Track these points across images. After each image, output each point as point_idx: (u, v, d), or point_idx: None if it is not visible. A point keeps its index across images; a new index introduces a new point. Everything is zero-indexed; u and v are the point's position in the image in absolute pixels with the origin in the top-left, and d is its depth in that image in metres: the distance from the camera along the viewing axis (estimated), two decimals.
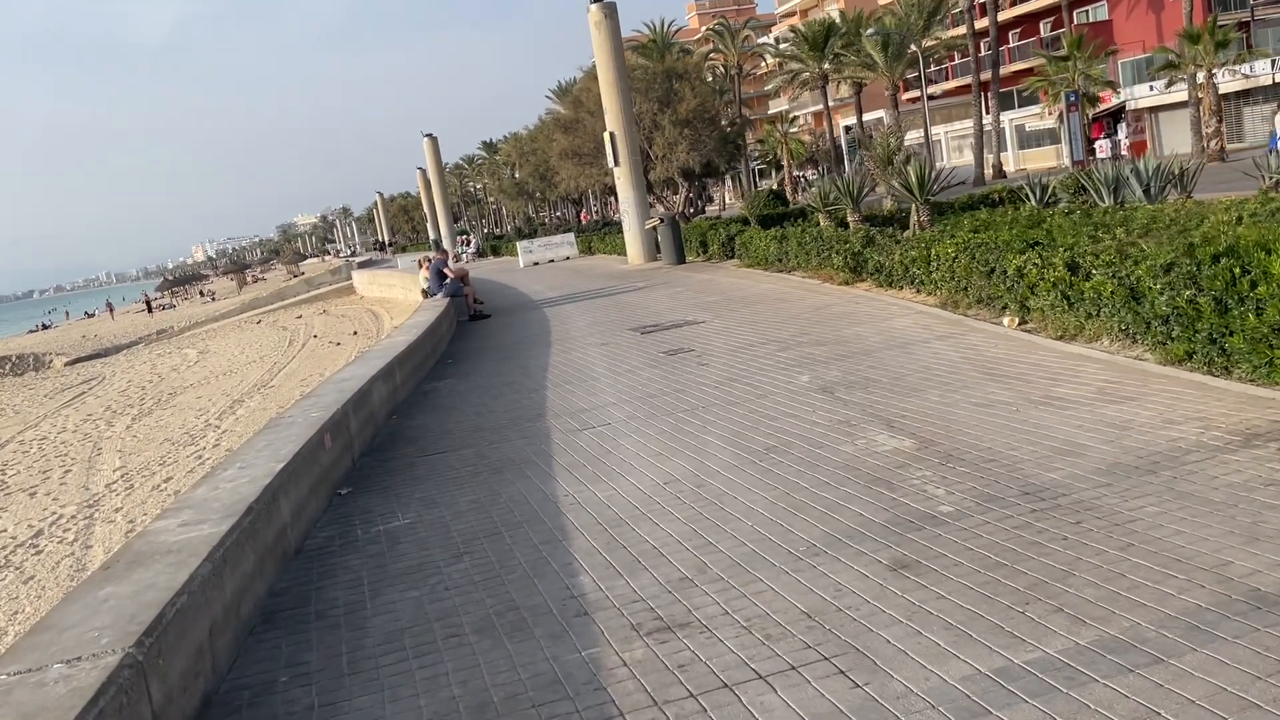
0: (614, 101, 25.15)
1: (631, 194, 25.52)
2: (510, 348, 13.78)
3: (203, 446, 15.35)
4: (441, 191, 56.27)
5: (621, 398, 8.91)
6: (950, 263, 11.29)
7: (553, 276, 27.05)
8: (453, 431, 8.62)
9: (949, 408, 6.81)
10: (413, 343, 11.75)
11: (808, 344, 10.17)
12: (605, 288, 20.51)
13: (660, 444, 7.03)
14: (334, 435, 7.30)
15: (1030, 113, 51.57)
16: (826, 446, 6.31)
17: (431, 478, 7.10)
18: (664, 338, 12.27)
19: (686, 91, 35.40)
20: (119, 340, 54.31)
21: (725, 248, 22.58)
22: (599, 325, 14.59)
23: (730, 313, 13.52)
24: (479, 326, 17.25)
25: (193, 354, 35.62)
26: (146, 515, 11.66)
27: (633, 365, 10.55)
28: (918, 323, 10.47)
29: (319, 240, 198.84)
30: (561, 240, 36.40)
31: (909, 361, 8.53)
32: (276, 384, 21.17)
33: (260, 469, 5.92)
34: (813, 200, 20.52)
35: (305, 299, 49.08)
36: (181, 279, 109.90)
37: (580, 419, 8.30)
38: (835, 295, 13.64)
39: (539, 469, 6.88)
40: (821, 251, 16.00)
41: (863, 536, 4.71)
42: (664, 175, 35.87)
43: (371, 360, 10.37)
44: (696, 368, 9.82)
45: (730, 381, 8.86)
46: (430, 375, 12.13)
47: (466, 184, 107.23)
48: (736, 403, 7.97)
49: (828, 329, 10.89)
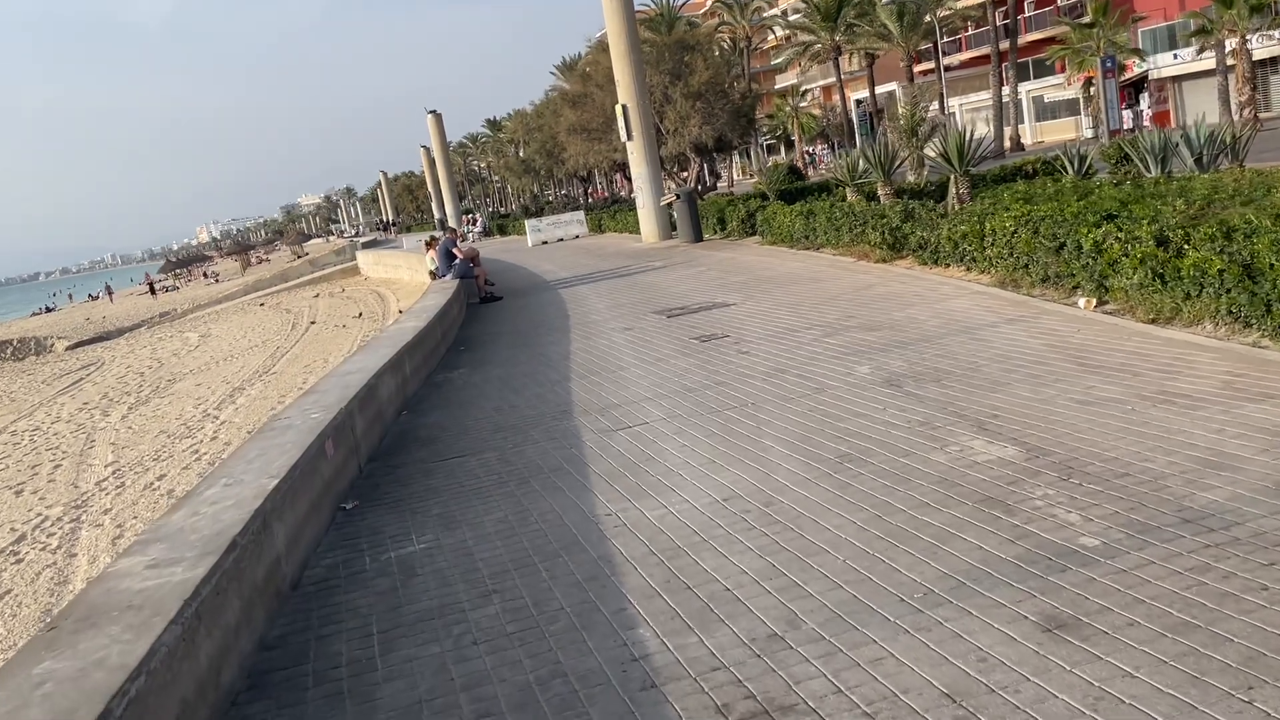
0: (626, 73, 24.08)
1: (645, 169, 24.49)
2: (526, 333, 12.85)
3: (199, 440, 14.47)
4: (446, 169, 55.20)
5: (657, 391, 7.99)
6: (1009, 237, 10.32)
7: (564, 256, 26.09)
8: (471, 431, 7.71)
9: (1047, 406, 5.87)
10: (423, 329, 10.83)
11: (857, 329, 9.22)
12: (621, 267, 19.56)
13: (710, 449, 6.11)
14: (337, 440, 6.39)
15: (1049, 83, 50.32)
16: (913, 455, 5.38)
17: (449, 488, 6.19)
18: (693, 321, 11.33)
19: (698, 63, 34.23)
20: (121, 324, 53.47)
21: (745, 224, 21.60)
22: (620, 308, 13.65)
23: (762, 294, 12.57)
24: (491, 309, 16.32)
25: (194, 338, 34.74)
26: (136, 519, 10.80)
27: (663, 353, 9.62)
28: (977, 304, 9.51)
29: (323, 221, 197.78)
30: (571, 218, 35.38)
31: (981, 350, 7.58)
32: (279, 370, 20.26)
33: (249, 487, 5.01)
34: (839, 173, 19.50)
35: (309, 280, 48.15)
36: (185, 260, 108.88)
37: (613, 417, 7.38)
38: (875, 274, 12.67)
39: (572, 479, 5.96)
40: (854, 227, 15.03)
41: (992, 579, 3.79)
42: (676, 150, 34.77)
43: (379, 349, 9.45)
44: (736, 357, 8.88)
45: (779, 373, 7.93)
46: (442, 365, 11.21)
47: (471, 163, 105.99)
48: (790, 398, 7.04)
49: (876, 311, 9.93)
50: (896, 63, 56.37)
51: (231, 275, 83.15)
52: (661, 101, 33.57)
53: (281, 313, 36.82)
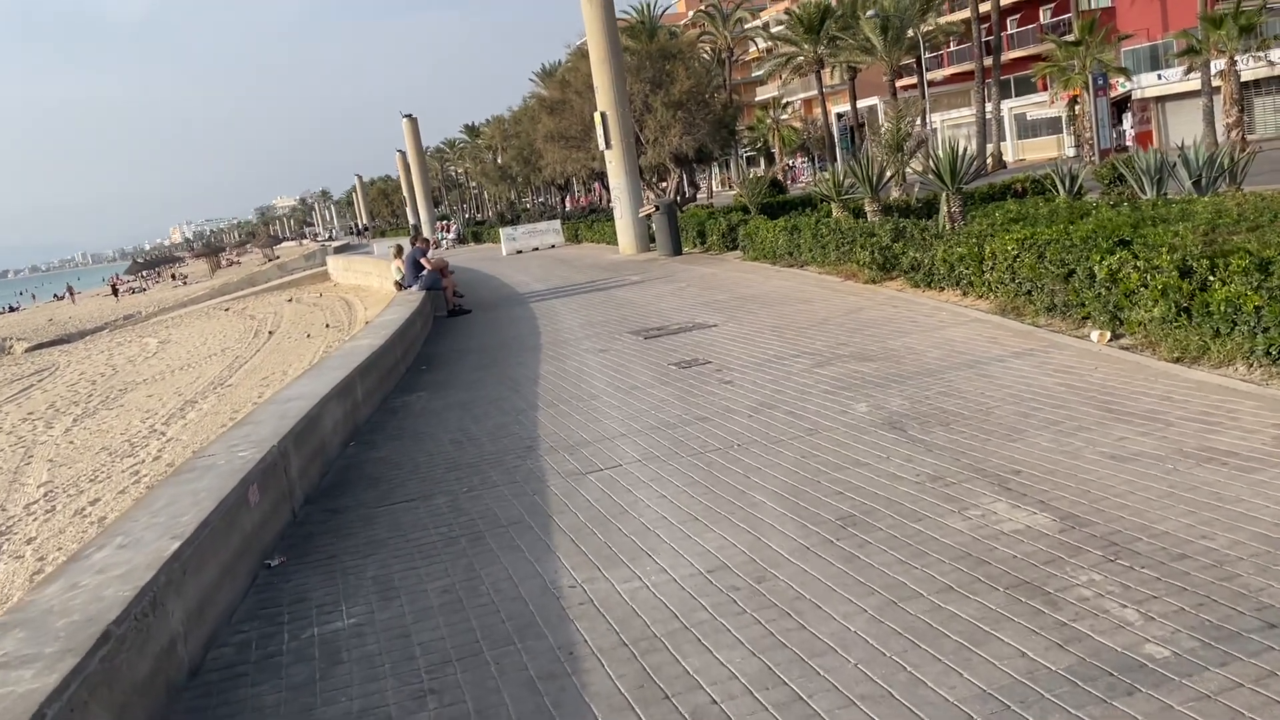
0: (606, 79, 23.38)
1: (624, 179, 23.79)
2: (494, 351, 12.06)
3: (141, 459, 13.55)
4: (421, 174, 54.28)
5: (631, 426, 7.23)
6: (1010, 261, 9.66)
7: (539, 266, 25.31)
8: (423, 469, 6.91)
9: (1075, 461, 5.17)
10: (379, 348, 10.02)
11: (850, 358, 8.51)
12: (597, 280, 18.81)
13: (691, 502, 5.36)
14: (265, 484, 5.59)
15: (1030, 101, 50.15)
16: (926, 519, 4.65)
17: (392, 542, 5.40)
18: (672, 344, 10.59)
19: (680, 72, 33.56)
20: (83, 326, 52.13)
21: (726, 238, 20.91)
22: (594, 326, 12.89)
23: (745, 315, 11.86)
24: (458, 324, 15.51)
25: (153, 344, 33.59)
26: (60, 550, 9.90)
27: (639, 380, 8.87)
28: (979, 333, 8.83)
29: (297, 223, 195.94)
30: (547, 227, 34.63)
31: (990, 388, 6.89)
32: (235, 382, 19.32)
33: (146, 550, 4.21)
34: (824, 187, 18.86)
35: (277, 285, 47.03)
36: (153, 261, 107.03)
37: (582, 456, 6.61)
38: (864, 296, 11.99)
39: (533, 536, 5.19)
40: (842, 245, 14.36)
41: (1043, 703, 3.05)
42: (656, 160, 34.07)
43: (327, 372, 8.64)
44: (719, 387, 8.14)
45: (766, 408, 7.19)
46: (400, 386, 10.40)
47: (448, 168, 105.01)
48: (781, 440, 6.31)
49: (870, 339, 9.23)
50: (878, 77, 56.06)
51: (201, 277, 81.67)
52: (641, 110, 32.89)
53: (246, 319, 35.75)
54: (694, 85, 33.65)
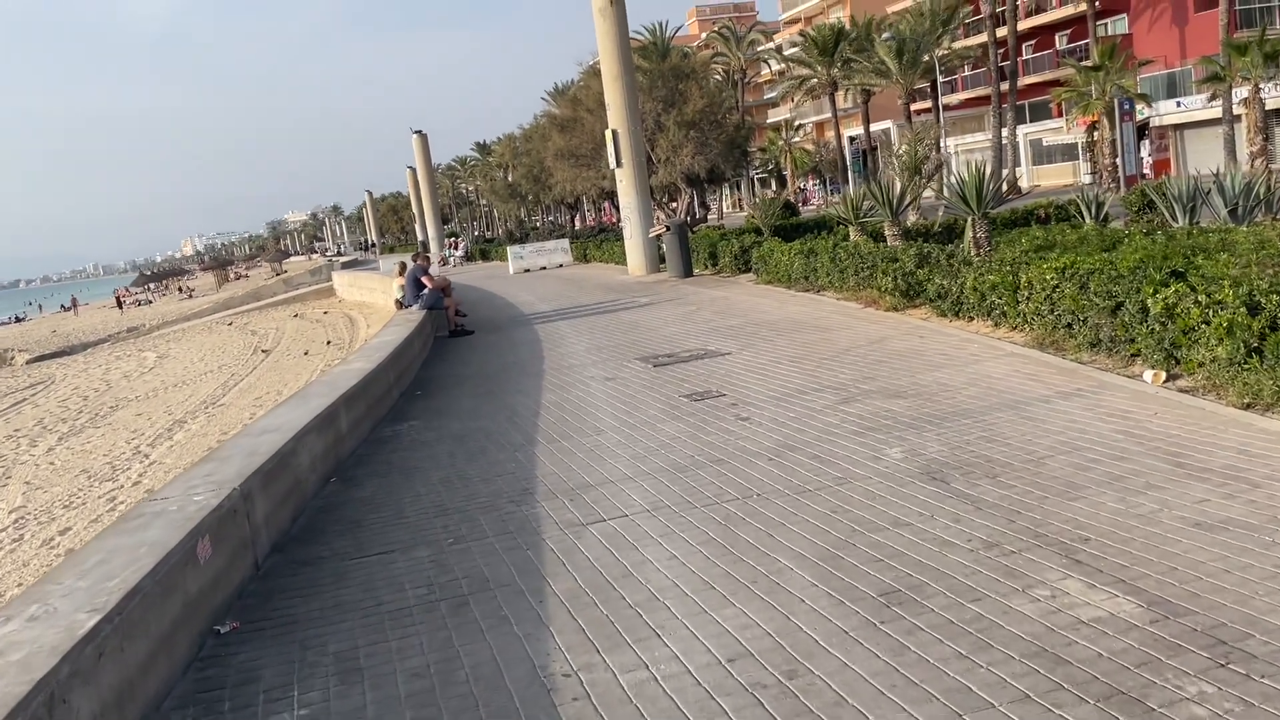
0: (618, 96, 22.82)
1: (635, 198, 23.18)
2: (494, 377, 11.39)
3: (121, 484, 12.88)
4: (430, 190, 53.88)
5: (639, 468, 6.54)
6: (1049, 292, 8.97)
7: (545, 286, 24.68)
8: (408, 512, 6.23)
9: (1150, 527, 4.47)
10: (370, 373, 9.35)
11: (877, 394, 7.82)
12: (605, 302, 18.16)
13: (707, 565, 4.67)
14: (220, 535, 4.91)
15: (1046, 127, 49.49)
16: (985, 598, 3.95)
17: (362, 607, 4.71)
18: (683, 373, 9.91)
19: (693, 91, 33.03)
20: (86, 338, 51.70)
21: (738, 261, 20.27)
22: (601, 350, 12.22)
23: (761, 342, 11.18)
24: (459, 345, 14.86)
25: (151, 358, 33.01)
26: (20, 586, 9.25)
27: (649, 414, 8.18)
28: (1017, 369, 8.13)
29: (308, 238, 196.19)
30: (555, 246, 34.04)
31: (1037, 433, 6.18)
32: (227, 402, 18.67)
33: (57, 627, 3.53)
34: (842, 210, 18.21)
35: (281, 300, 46.51)
36: (160, 274, 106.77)
37: (583, 503, 5.92)
38: (887, 324, 11.31)
39: (524, 605, 4.50)
40: (862, 270, 13.69)
41: None
42: (666, 180, 33.51)
43: (310, 400, 7.97)
44: (735, 424, 7.45)
45: (788, 450, 6.50)
46: (392, 414, 9.73)
47: (459, 185, 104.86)
48: (806, 491, 5.61)
49: (898, 373, 8.53)
50: (892, 101, 55.60)
51: (207, 291, 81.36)
52: (653, 129, 32.35)
53: (246, 334, 35.17)
54: (707, 105, 33.12)
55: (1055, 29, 52.68)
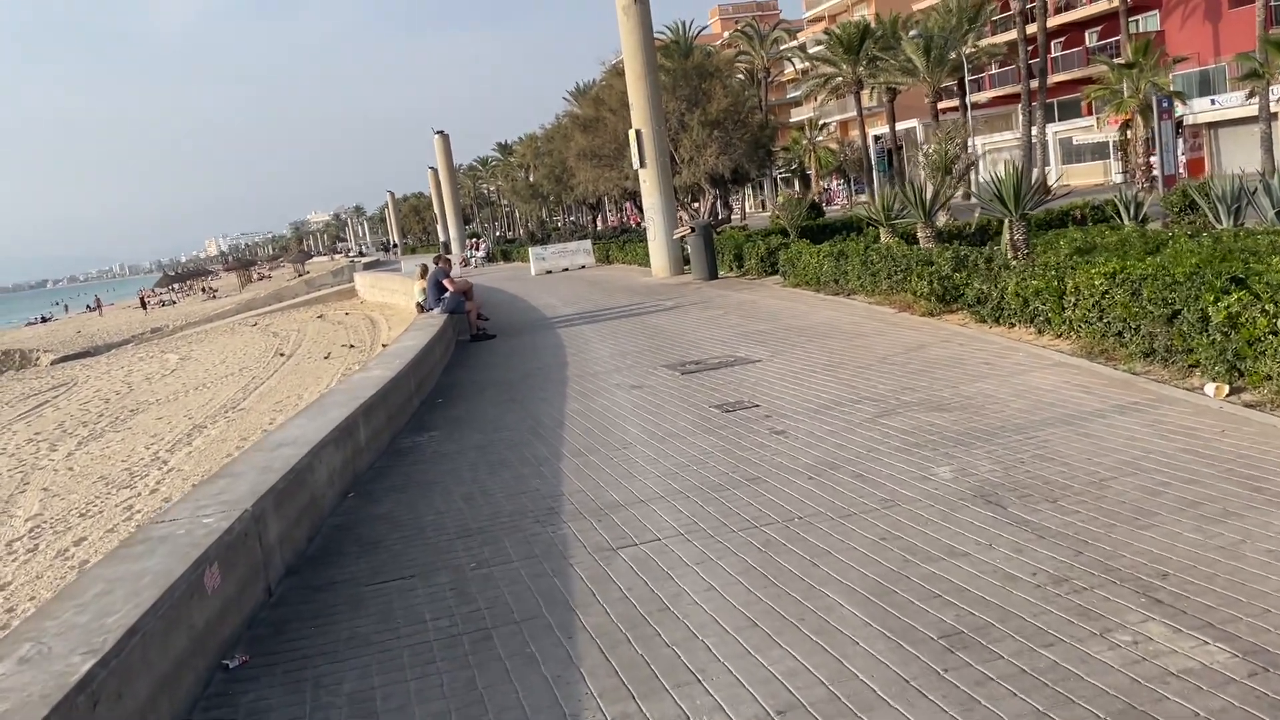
0: (641, 95, 22.51)
1: (658, 198, 22.85)
2: (517, 384, 11.10)
3: (138, 491, 12.68)
4: (452, 190, 53.75)
5: (670, 486, 6.21)
6: (1097, 298, 8.57)
7: (568, 288, 24.40)
8: (428, 531, 5.93)
9: (1235, 561, 4.10)
10: (390, 381, 9.07)
11: (919, 405, 7.45)
12: (629, 305, 17.84)
13: (748, 599, 4.33)
14: (230, 561, 4.62)
15: (1076, 125, 48.78)
16: (1059, 643, 3.59)
17: (379, 640, 4.41)
18: (713, 381, 9.57)
19: (717, 90, 32.70)
20: (110, 339, 51.92)
21: (765, 263, 19.91)
22: (626, 357, 11.90)
23: (792, 348, 10.82)
24: (481, 350, 14.58)
25: (173, 359, 32.99)
26: (33, 600, 9.02)
27: (678, 426, 7.85)
28: (1066, 380, 7.74)
29: (330, 239, 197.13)
30: (577, 247, 33.73)
31: (1096, 452, 5.80)
32: (247, 406, 18.49)
33: (49, 671, 3.25)
34: (871, 211, 17.81)
35: (303, 301, 46.50)
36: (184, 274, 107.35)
37: (612, 524, 5.60)
38: (923, 330, 10.93)
39: (551, 641, 4.18)
40: (894, 273, 13.31)
41: None
42: (690, 180, 33.17)
43: (328, 410, 7.69)
44: (770, 438, 7.11)
45: (828, 468, 6.15)
46: (412, 423, 9.45)
47: (480, 186, 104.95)
48: (851, 514, 5.27)
49: (939, 383, 8.16)
50: (917, 100, 54.99)
51: (231, 291, 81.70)
52: (677, 129, 32.03)
53: (268, 336, 35.10)
54: (731, 104, 32.78)
55: (1085, 26, 51.92)
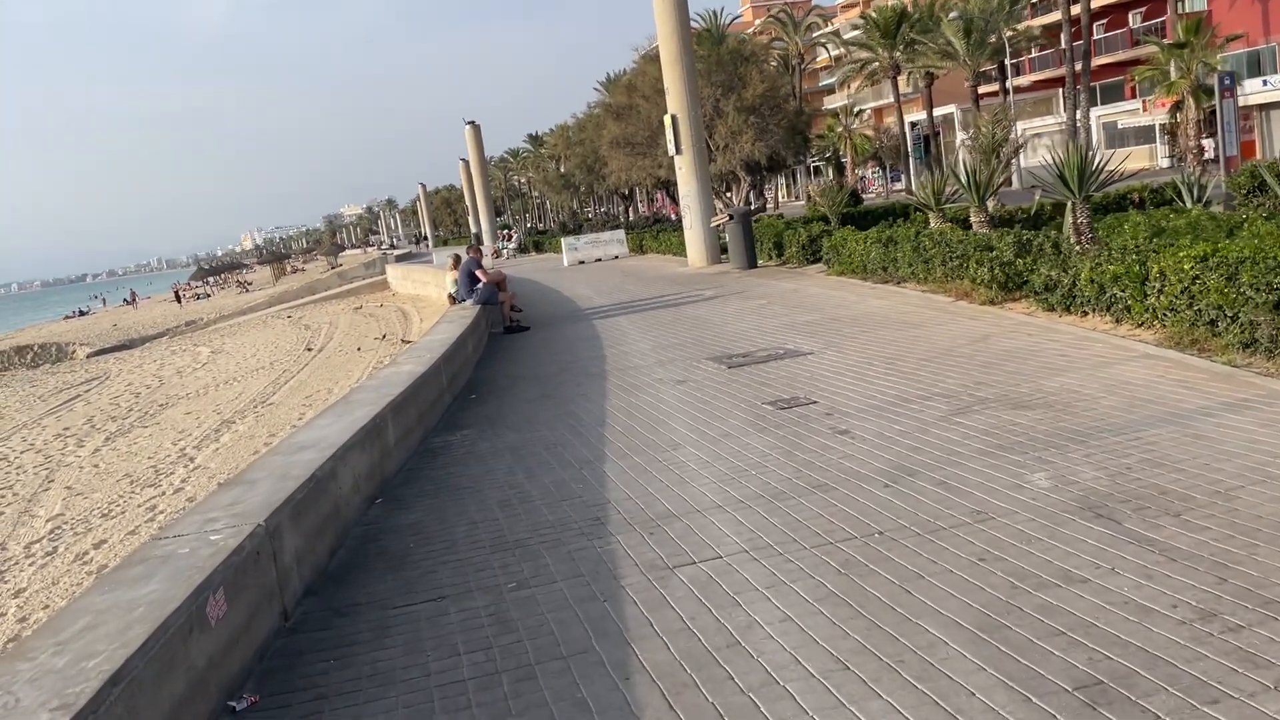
0: (677, 79, 21.84)
1: (695, 185, 22.20)
2: (553, 378, 10.53)
3: (163, 490, 12.27)
4: (483, 181, 53.35)
5: (727, 494, 5.61)
6: (1187, 284, 7.85)
7: (602, 278, 23.82)
8: (461, 544, 5.37)
9: None
10: (421, 376, 8.53)
11: (997, 403, 6.79)
12: (666, 295, 17.23)
13: (832, 632, 3.72)
14: (238, 585, 4.08)
15: (1121, 109, 47.46)
16: (1226, 699, 2.96)
17: (407, 678, 3.85)
18: (762, 375, 8.95)
19: (753, 75, 31.97)
20: (145, 332, 52.06)
21: (806, 251, 19.23)
22: (667, 349, 11.30)
23: (845, 340, 10.17)
24: (515, 342, 14.04)
25: (205, 353, 32.81)
26: (48, 607, 8.59)
27: (729, 425, 7.24)
28: (1160, 374, 7.04)
29: (363, 231, 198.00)
30: (610, 237, 33.12)
31: (1214, 456, 5.13)
32: (277, 400, 18.09)
33: None
34: (921, 195, 17.06)
35: (336, 294, 46.31)
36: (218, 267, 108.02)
37: (666, 539, 5.01)
38: (986, 320, 10.23)
39: (605, 683, 3.59)
40: (950, 260, 12.59)
41: None
42: (725, 168, 32.47)
43: (355, 409, 7.16)
44: (833, 438, 6.48)
45: (905, 474, 5.51)
46: (444, 421, 8.90)
47: (511, 177, 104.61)
48: (940, 530, 4.63)
49: (1014, 377, 7.49)
50: (953, 85, 53.78)
51: (264, 284, 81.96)
52: (712, 115, 31.32)
53: (300, 328, 34.83)
54: (768, 89, 32.03)
55: (1128, 7, 50.57)
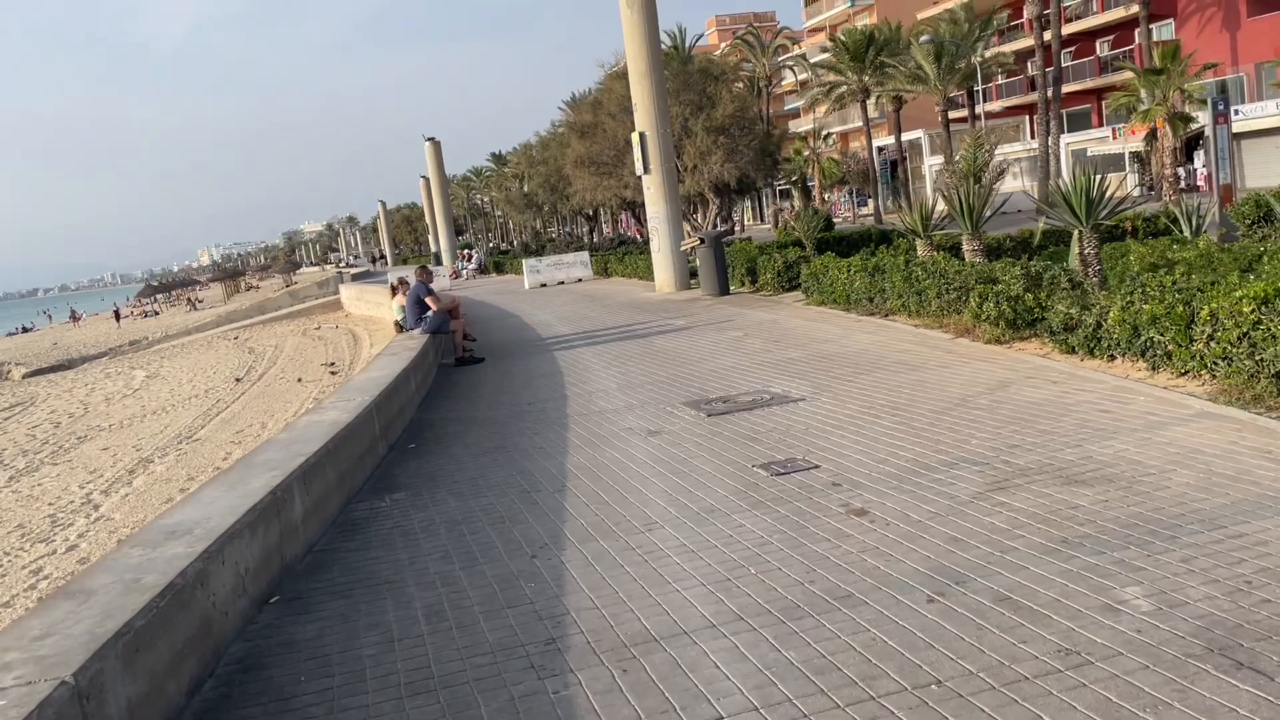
0: (646, 95, 20.70)
1: (664, 207, 21.02)
2: (506, 424, 9.18)
3: (55, 547, 10.72)
4: (443, 199, 51.90)
5: (722, 605, 4.31)
6: (1247, 329, 6.71)
7: (564, 304, 22.51)
8: (366, 684, 4.01)
9: None
10: (346, 428, 7.15)
11: (1041, 474, 5.57)
12: (634, 324, 15.96)
13: None
14: None
15: (1091, 136, 47.11)
16: None
17: None
18: (748, 426, 7.69)
19: (723, 94, 30.95)
20: (87, 351, 49.91)
21: (782, 278, 18.08)
22: (636, 389, 10.02)
23: (838, 383, 8.95)
24: (467, 377, 12.67)
25: (140, 377, 30.96)
26: None
27: (716, 496, 5.96)
28: (1231, 439, 5.85)
29: (323, 249, 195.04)
30: (574, 259, 31.79)
31: None
32: (205, 435, 16.52)
33: None
34: (908, 221, 15.97)
35: (286, 314, 44.51)
36: (168, 284, 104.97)
37: (645, 682, 3.70)
38: (998, 363, 9.06)
39: None
40: (946, 292, 11.47)
41: None
42: (694, 189, 31.37)
43: (253, 475, 5.76)
44: (849, 523, 5.21)
45: (952, 583, 4.25)
46: (374, 479, 7.53)
47: (474, 196, 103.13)
48: (1021, 678, 3.37)
49: (1054, 439, 6.28)
50: (920, 111, 53.34)
51: (217, 302, 79.60)
52: (680, 135, 30.22)
53: (244, 351, 33.10)
54: (738, 109, 31.01)
55: (1096, 35, 50.40)
